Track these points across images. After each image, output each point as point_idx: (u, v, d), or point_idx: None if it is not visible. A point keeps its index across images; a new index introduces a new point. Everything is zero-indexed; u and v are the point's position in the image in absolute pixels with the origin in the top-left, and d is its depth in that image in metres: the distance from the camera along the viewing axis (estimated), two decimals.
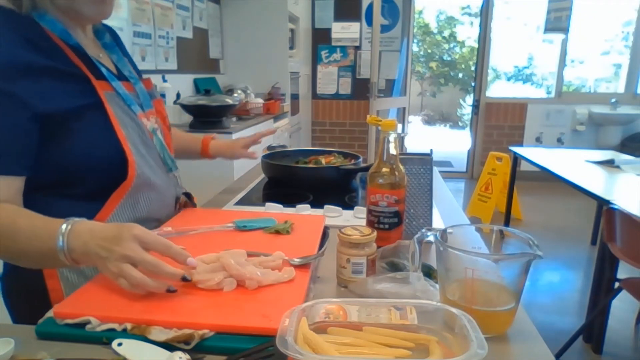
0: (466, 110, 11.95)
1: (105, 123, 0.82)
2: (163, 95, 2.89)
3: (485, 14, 5.38)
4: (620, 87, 5.96)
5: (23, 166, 0.75)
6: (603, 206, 1.88)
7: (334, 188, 1.37)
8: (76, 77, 0.81)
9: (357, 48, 5.19)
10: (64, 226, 0.67)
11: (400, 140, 1.55)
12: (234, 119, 3.28)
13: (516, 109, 5.44)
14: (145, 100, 0.97)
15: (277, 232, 0.92)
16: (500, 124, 5.50)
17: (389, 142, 0.84)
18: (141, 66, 1.08)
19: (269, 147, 1.64)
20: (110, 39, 0.98)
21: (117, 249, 0.63)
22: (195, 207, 1.13)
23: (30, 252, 0.70)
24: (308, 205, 1.14)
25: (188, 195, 1.12)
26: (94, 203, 0.84)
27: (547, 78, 7.80)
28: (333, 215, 1.11)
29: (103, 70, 0.87)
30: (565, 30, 4.99)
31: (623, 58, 6.40)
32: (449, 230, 0.70)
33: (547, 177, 2.65)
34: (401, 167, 0.85)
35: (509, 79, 9.57)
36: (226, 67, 4.20)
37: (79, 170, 0.77)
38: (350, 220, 1.07)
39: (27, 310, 0.82)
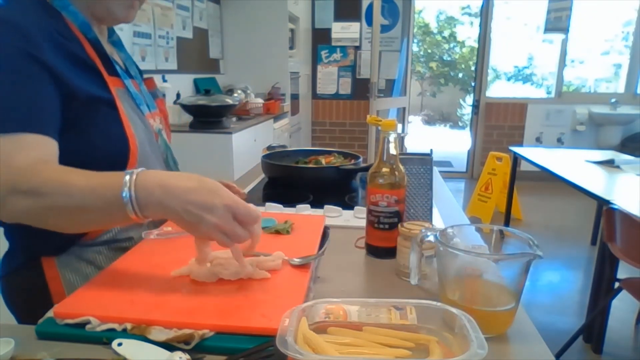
0: (466, 110, 11.96)
1: (115, 119, 0.82)
2: (164, 95, 2.89)
3: (485, 14, 5.38)
4: (620, 87, 5.96)
5: (54, 131, 0.73)
6: (603, 206, 1.88)
7: (334, 188, 1.37)
8: (92, 69, 0.82)
9: (357, 48, 5.19)
10: (127, 177, 0.62)
11: (400, 140, 1.54)
12: (234, 119, 3.28)
13: (516, 109, 5.44)
14: (150, 100, 0.98)
15: (277, 232, 0.92)
16: (500, 124, 5.50)
17: (389, 142, 0.84)
18: (141, 66, 1.08)
19: (269, 147, 1.64)
20: (118, 38, 0.98)
21: (209, 219, 0.61)
22: None
23: (89, 207, 0.64)
24: (308, 205, 1.14)
25: None
26: None
27: (547, 78, 7.80)
28: (333, 215, 1.10)
29: (117, 67, 0.89)
30: (565, 30, 4.99)
31: (623, 58, 6.40)
32: (449, 230, 0.70)
33: (547, 177, 2.65)
34: (401, 167, 0.85)
35: (509, 79, 9.58)
36: (226, 67, 4.20)
37: (84, 163, 0.73)
38: (350, 220, 1.07)
39: (27, 310, 0.84)
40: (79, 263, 0.85)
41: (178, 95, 3.18)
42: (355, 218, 1.09)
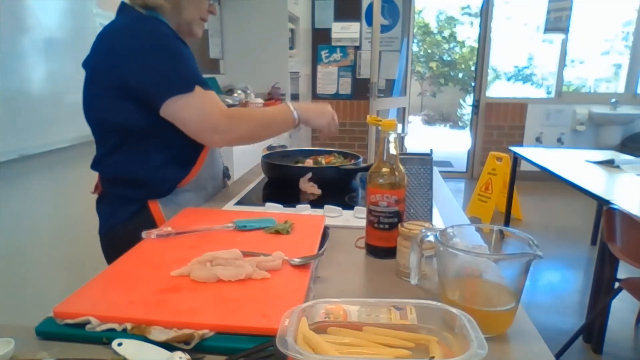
0: (466, 110, 11.96)
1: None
2: None
3: (485, 14, 5.38)
4: (620, 87, 5.96)
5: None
6: (603, 206, 1.88)
7: (334, 188, 1.37)
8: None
9: (357, 48, 5.19)
10: (291, 106, 1.18)
11: (400, 140, 1.54)
12: None
13: (516, 109, 5.44)
14: None
15: (277, 232, 0.92)
16: (500, 124, 5.50)
17: (389, 142, 0.84)
18: None
19: (269, 147, 1.64)
20: None
21: (326, 115, 1.26)
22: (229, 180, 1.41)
23: (276, 120, 1.17)
24: (308, 205, 1.14)
25: (226, 168, 1.41)
26: (181, 165, 1.13)
27: (547, 78, 7.79)
28: (333, 215, 1.10)
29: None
30: (565, 30, 4.99)
31: (623, 58, 6.40)
32: (449, 230, 0.70)
33: (547, 177, 2.65)
34: (401, 167, 0.85)
35: (509, 79, 9.57)
36: (226, 67, 4.19)
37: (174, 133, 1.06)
38: (350, 220, 1.07)
39: None
40: (176, 206, 1.10)
41: None
42: (355, 218, 1.09)
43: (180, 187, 1.14)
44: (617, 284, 1.94)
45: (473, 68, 7.15)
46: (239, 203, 1.23)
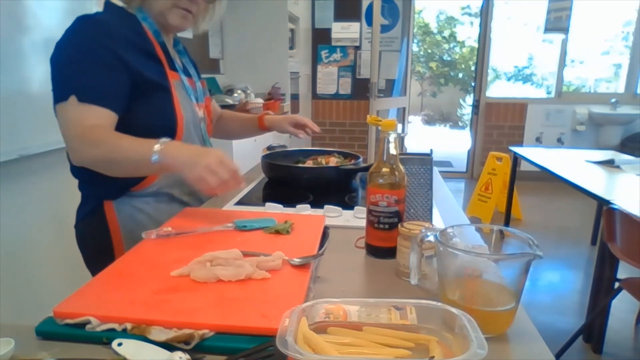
0: (466, 110, 11.96)
1: (169, 101, 1.08)
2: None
3: (485, 14, 5.38)
4: (620, 87, 5.96)
5: (118, 105, 1.00)
6: (603, 206, 1.88)
7: (334, 188, 1.37)
8: (157, 63, 1.09)
9: (357, 48, 5.19)
10: (157, 147, 0.92)
11: (400, 140, 1.54)
12: None
13: (516, 109, 5.44)
14: (200, 95, 1.24)
15: (277, 232, 0.92)
16: (500, 124, 5.50)
17: (389, 142, 0.84)
18: None
19: (269, 147, 1.64)
20: (183, 48, 1.27)
21: (202, 162, 0.90)
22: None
23: (130, 158, 0.95)
24: (308, 205, 1.14)
25: None
26: None
27: (547, 78, 7.80)
28: (333, 215, 1.10)
29: (176, 64, 1.16)
30: (565, 30, 4.99)
31: (623, 58, 6.40)
32: (449, 230, 0.70)
33: (547, 177, 2.65)
34: (401, 167, 0.85)
35: (509, 79, 9.58)
36: (226, 67, 4.19)
37: (140, 127, 1.00)
38: (350, 220, 1.07)
39: (91, 255, 1.13)
40: (132, 210, 1.09)
41: None
42: (355, 218, 1.08)
43: (137, 191, 1.10)
44: (617, 284, 1.94)
45: (473, 68, 7.16)
46: (239, 203, 1.23)
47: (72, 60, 0.98)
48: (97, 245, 1.10)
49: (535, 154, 3.00)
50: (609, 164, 2.64)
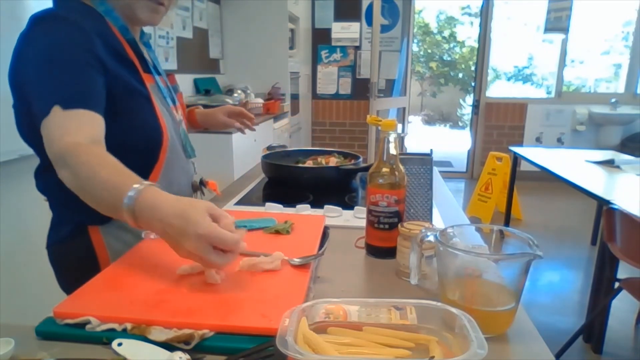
0: (466, 110, 11.96)
1: (150, 110, 0.95)
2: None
3: (485, 14, 5.38)
4: (620, 87, 5.96)
5: (101, 108, 0.84)
6: (603, 206, 1.88)
7: (334, 188, 1.37)
8: (131, 66, 0.94)
9: (357, 48, 5.19)
10: (127, 198, 0.69)
11: (400, 140, 1.54)
12: None
13: (516, 109, 5.44)
14: (173, 95, 1.11)
15: (277, 232, 0.92)
16: (500, 124, 5.50)
17: (389, 142, 0.84)
18: None
19: (269, 147, 1.64)
20: (148, 39, 1.11)
21: (184, 244, 0.65)
22: (214, 192, 1.23)
23: (103, 200, 0.74)
24: (308, 205, 1.14)
25: (202, 181, 1.21)
26: None
27: (547, 78, 7.80)
28: (333, 215, 1.10)
29: (150, 65, 1.02)
30: (565, 30, 4.99)
31: (623, 58, 6.40)
32: (449, 230, 0.70)
33: (547, 177, 2.65)
34: (401, 167, 0.85)
35: (509, 79, 9.58)
36: (226, 67, 4.20)
37: (124, 146, 0.85)
38: (350, 220, 1.07)
39: (75, 278, 0.85)
40: (120, 231, 0.96)
41: None
42: (355, 218, 1.09)
43: None
44: (617, 284, 1.94)
45: (473, 68, 7.16)
46: (239, 203, 1.23)
47: (45, 69, 0.83)
48: (81, 269, 0.89)
49: (535, 154, 3.00)
50: (609, 164, 2.64)
